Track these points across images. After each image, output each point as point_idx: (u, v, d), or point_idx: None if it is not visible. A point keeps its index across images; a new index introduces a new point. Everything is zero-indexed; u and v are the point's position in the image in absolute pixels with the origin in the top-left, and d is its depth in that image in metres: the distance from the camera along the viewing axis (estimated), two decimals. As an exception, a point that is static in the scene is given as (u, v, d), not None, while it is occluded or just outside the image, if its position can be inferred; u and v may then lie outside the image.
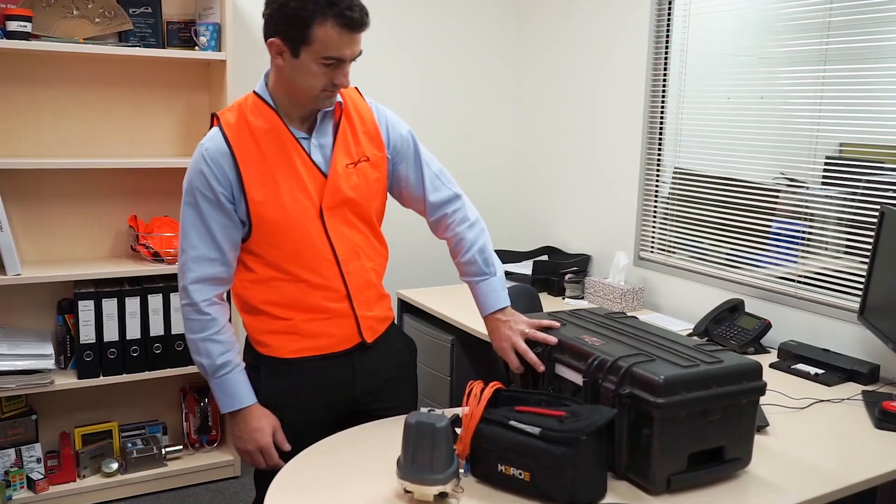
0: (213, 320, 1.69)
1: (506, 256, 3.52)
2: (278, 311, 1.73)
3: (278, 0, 1.54)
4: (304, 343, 1.74)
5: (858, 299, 2.35)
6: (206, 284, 1.68)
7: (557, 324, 1.73)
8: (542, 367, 1.67)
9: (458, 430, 1.50)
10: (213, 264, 1.68)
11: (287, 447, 1.71)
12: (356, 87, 1.79)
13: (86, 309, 2.83)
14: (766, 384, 1.54)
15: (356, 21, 1.54)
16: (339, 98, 1.71)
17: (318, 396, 1.77)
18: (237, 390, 1.70)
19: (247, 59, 3.28)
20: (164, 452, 3.09)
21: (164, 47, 3.01)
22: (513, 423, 1.44)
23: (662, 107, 3.16)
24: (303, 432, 1.71)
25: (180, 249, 1.69)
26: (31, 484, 2.83)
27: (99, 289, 2.86)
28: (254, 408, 1.71)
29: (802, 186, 2.64)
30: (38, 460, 2.89)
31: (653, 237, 3.20)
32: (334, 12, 1.51)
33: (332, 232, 1.71)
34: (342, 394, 1.80)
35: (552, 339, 1.67)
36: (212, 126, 1.70)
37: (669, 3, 3.09)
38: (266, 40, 1.60)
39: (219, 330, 1.70)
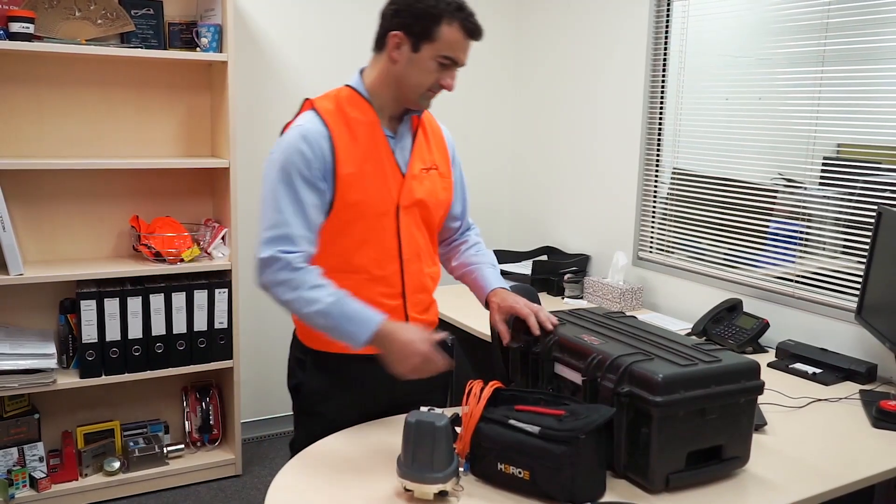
0: (310, 271, 1.63)
1: (505, 256, 3.52)
2: None
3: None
4: None
5: (856, 299, 2.35)
6: (293, 255, 1.63)
7: (555, 319, 1.73)
8: (550, 326, 1.70)
9: (457, 429, 1.50)
10: (303, 242, 1.64)
11: (443, 335, 1.66)
12: None
13: (88, 308, 2.82)
14: (763, 383, 1.54)
15: (478, 30, 1.66)
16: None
17: (360, 395, 1.78)
18: (364, 313, 1.60)
19: (248, 60, 3.29)
20: (165, 451, 3.09)
21: (165, 48, 3.01)
22: (512, 421, 1.44)
23: (661, 108, 3.16)
24: (341, 429, 1.72)
25: (269, 224, 1.63)
26: (33, 482, 2.83)
27: (101, 288, 2.86)
28: (388, 322, 1.60)
29: (800, 187, 2.64)
30: (41, 459, 2.89)
31: (651, 237, 3.20)
32: (461, 17, 1.62)
33: (403, 230, 1.74)
34: (383, 396, 1.79)
35: (546, 328, 1.70)
36: (301, 111, 1.72)
37: (668, 5, 3.09)
38: (386, 33, 1.66)
39: (317, 274, 1.63)
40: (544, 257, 3.58)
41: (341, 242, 1.70)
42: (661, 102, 3.15)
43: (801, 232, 2.64)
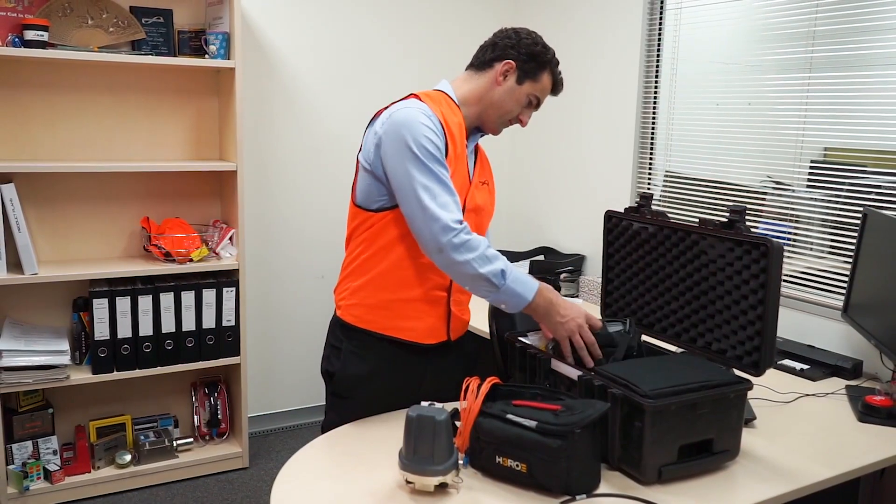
0: (481, 238, 1.66)
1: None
2: (385, 282, 1.75)
3: (528, 37, 1.81)
4: (392, 323, 1.77)
5: (842, 297, 2.36)
6: (462, 220, 1.66)
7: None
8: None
9: (457, 424, 1.50)
10: (460, 206, 1.67)
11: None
12: None
13: (100, 307, 2.83)
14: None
15: (561, 89, 1.88)
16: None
17: (389, 384, 1.80)
18: (526, 276, 1.68)
19: (255, 66, 3.29)
20: (175, 444, 3.09)
21: (175, 55, 3.01)
22: (510, 416, 1.44)
23: (654, 113, 3.16)
24: (368, 414, 1.76)
25: (429, 197, 1.62)
26: (47, 475, 2.84)
27: (113, 287, 2.86)
28: (545, 286, 1.69)
29: (788, 189, 2.64)
30: (55, 452, 2.89)
31: (645, 238, 3.20)
32: (557, 72, 1.85)
33: None
34: (411, 389, 1.82)
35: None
36: (406, 98, 1.75)
37: (661, 13, 3.09)
38: (498, 58, 1.80)
39: (487, 241, 1.67)
40: (541, 257, 3.58)
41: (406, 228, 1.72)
42: (654, 107, 3.15)
43: (790, 233, 2.64)
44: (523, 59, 1.79)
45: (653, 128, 3.17)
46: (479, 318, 2.68)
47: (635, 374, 1.50)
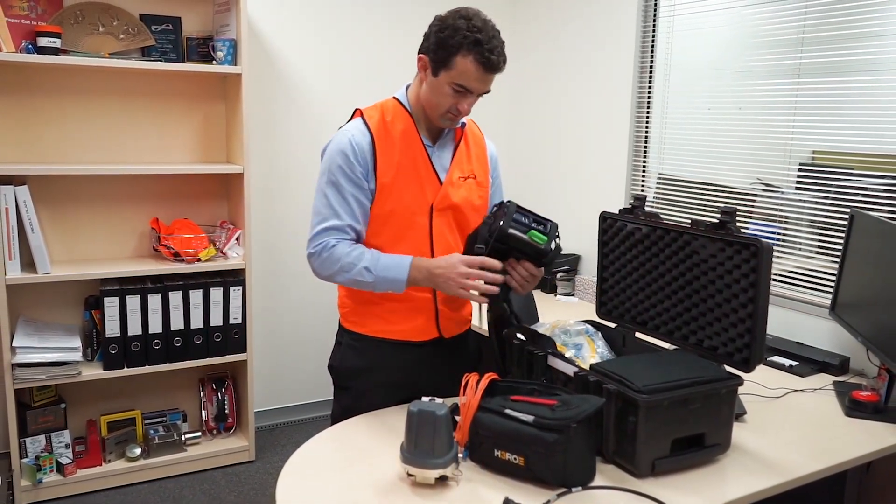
0: (343, 243, 1.70)
1: (502, 256, 3.52)
2: (368, 294, 1.77)
3: (437, 26, 1.68)
4: (384, 326, 1.81)
5: (830, 296, 2.36)
6: (335, 239, 1.72)
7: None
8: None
9: (457, 418, 1.50)
10: (349, 230, 1.72)
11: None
12: (472, 120, 1.90)
13: (111, 305, 2.83)
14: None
15: (493, 63, 1.65)
16: (463, 122, 1.82)
17: (385, 378, 1.82)
18: (396, 258, 1.68)
19: (260, 72, 3.29)
20: (183, 439, 3.09)
21: (183, 62, 3.01)
22: (508, 411, 1.44)
23: (647, 117, 3.16)
24: (368, 408, 1.76)
25: (319, 218, 1.72)
26: (60, 468, 2.84)
27: (123, 286, 2.86)
28: (418, 258, 1.68)
29: (778, 191, 2.65)
30: (67, 446, 2.89)
31: (639, 238, 3.20)
32: (477, 51, 1.63)
33: (436, 229, 1.77)
34: (407, 384, 1.82)
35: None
36: (352, 118, 1.78)
37: (654, 20, 3.09)
38: (419, 54, 1.73)
39: (349, 244, 1.71)
40: (538, 257, 3.57)
41: (380, 236, 1.75)
42: (648, 111, 3.15)
43: (779, 233, 2.64)
44: (433, 49, 1.67)
45: (646, 131, 3.17)
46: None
47: (629, 371, 1.51)
